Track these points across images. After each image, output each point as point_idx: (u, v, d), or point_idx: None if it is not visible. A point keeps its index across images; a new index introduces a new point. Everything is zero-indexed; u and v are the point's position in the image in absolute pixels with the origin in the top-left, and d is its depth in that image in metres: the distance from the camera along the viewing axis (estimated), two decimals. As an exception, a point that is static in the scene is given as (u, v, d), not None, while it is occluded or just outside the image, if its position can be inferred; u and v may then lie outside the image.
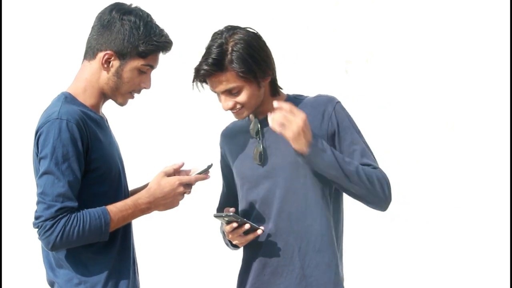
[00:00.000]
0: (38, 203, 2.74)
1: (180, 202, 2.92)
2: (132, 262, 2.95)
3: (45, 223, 2.71)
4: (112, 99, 2.93)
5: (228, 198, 3.14)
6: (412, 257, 5.14)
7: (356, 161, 2.87)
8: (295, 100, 2.96)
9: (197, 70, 2.85)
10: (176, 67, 4.78)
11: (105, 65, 2.85)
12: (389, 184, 2.89)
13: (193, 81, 2.88)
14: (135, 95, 2.94)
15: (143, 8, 2.93)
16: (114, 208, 2.80)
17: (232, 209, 2.89)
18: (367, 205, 2.92)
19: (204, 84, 2.91)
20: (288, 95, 3.02)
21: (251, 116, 3.00)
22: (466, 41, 5.18)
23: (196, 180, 2.89)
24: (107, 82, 2.87)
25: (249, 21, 5.34)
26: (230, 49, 2.83)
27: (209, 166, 2.90)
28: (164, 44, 2.88)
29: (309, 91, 3.19)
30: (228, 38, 2.85)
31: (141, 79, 2.89)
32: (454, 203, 5.08)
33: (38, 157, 2.77)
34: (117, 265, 2.87)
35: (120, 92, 2.89)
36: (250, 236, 2.89)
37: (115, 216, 2.79)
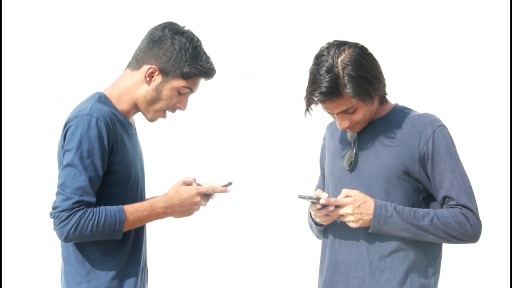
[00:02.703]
0: (57, 193, 2.78)
1: (195, 212, 2.95)
2: (142, 268, 2.96)
3: (61, 214, 2.76)
4: (143, 113, 2.97)
5: (322, 187, 3.12)
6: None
7: (443, 192, 2.85)
8: (400, 113, 2.93)
9: (310, 98, 2.82)
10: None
11: (148, 78, 2.90)
12: (474, 221, 2.85)
13: (307, 110, 2.85)
14: (169, 114, 2.98)
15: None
16: (131, 208, 2.84)
17: (318, 191, 2.88)
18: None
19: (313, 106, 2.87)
20: (396, 106, 2.98)
21: None
22: (466, 41, 5.18)
23: (214, 191, 2.92)
24: (145, 95, 2.92)
25: (249, 20, 5.35)
26: (341, 73, 2.78)
27: (229, 183, 2.93)
28: (208, 70, 2.93)
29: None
30: (335, 59, 2.80)
31: (179, 100, 2.94)
32: (454, 203, 5.08)
33: (64, 149, 2.81)
34: (125, 269, 2.89)
35: (154, 107, 2.93)
36: (335, 214, 2.86)
37: (130, 216, 2.83)
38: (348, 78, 2.78)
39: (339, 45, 2.84)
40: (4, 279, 5.39)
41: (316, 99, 2.80)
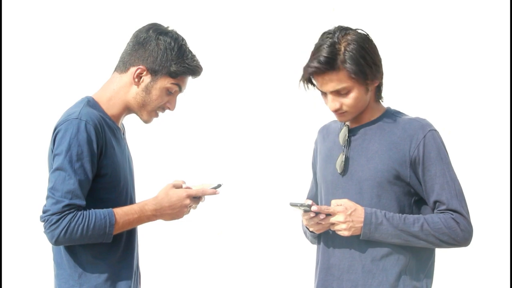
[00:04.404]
0: (47, 197, 2.80)
1: (186, 216, 2.97)
2: (134, 271, 2.98)
3: (51, 217, 2.77)
4: (138, 115, 3.00)
5: (315, 191, 3.14)
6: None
7: (434, 196, 2.86)
8: (392, 117, 2.94)
9: (308, 67, 2.83)
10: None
11: (136, 80, 2.93)
12: (465, 225, 2.86)
13: (301, 79, 2.87)
14: (160, 114, 3.01)
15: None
16: (120, 211, 2.86)
17: (310, 202, 2.88)
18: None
19: (309, 86, 2.89)
20: (387, 109, 2.98)
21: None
22: (465, 45, 5.17)
23: (203, 194, 2.93)
24: (135, 97, 2.95)
25: (249, 21, 5.34)
26: (343, 49, 2.80)
27: (219, 185, 2.95)
28: (194, 68, 2.96)
29: (308, 95, 3.19)
30: (340, 38, 2.82)
31: (168, 99, 2.97)
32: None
33: (53, 153, 2.83)
34: (116, 272, 2.91)
35: (147, 108, 2.96)
36: (327, 223, 2.87)
37: (120, 219, 2.84)
38: (349, 55, 2.80)
39: (346, 29, 2.87)
40: (4, 279, 5.42)
41: (314, 67, 2.81)
